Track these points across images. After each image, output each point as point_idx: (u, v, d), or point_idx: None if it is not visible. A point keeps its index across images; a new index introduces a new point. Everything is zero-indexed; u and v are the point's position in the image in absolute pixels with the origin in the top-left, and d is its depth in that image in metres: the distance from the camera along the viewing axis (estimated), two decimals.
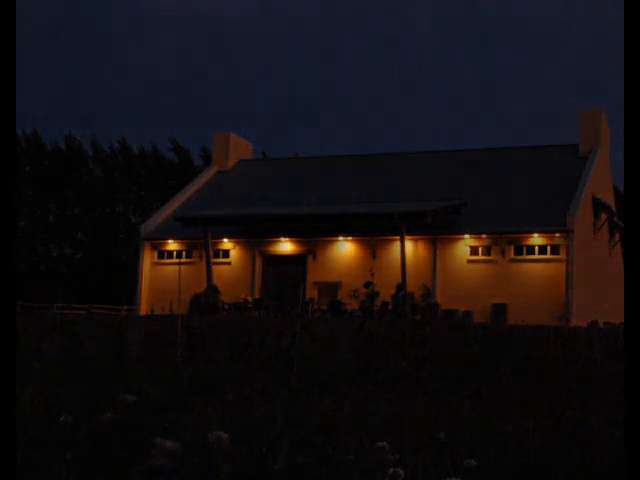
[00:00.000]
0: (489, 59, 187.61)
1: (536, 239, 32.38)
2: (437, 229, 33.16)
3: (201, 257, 36.51)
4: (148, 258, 38.39)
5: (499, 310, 31.08)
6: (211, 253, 35.48)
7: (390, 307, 31.37)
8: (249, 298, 34.60)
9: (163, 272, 37.86)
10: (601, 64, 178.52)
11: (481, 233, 33.05)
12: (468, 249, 33.29)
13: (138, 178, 66.83)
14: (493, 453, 5.76)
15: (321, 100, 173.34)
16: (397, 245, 33.12)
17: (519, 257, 32.61)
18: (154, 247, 38.41)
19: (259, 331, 12.80)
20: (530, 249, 32.49)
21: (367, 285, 32.78)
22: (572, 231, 31.77)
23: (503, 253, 32.82)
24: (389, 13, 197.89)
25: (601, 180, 37.53)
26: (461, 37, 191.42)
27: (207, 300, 33.29)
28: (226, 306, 33.43)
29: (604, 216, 36.83)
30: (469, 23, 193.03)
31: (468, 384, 9.56)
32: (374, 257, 34.20)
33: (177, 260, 37.69)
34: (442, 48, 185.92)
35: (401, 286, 32.01)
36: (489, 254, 33.06)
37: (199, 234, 35.86)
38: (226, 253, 36.88)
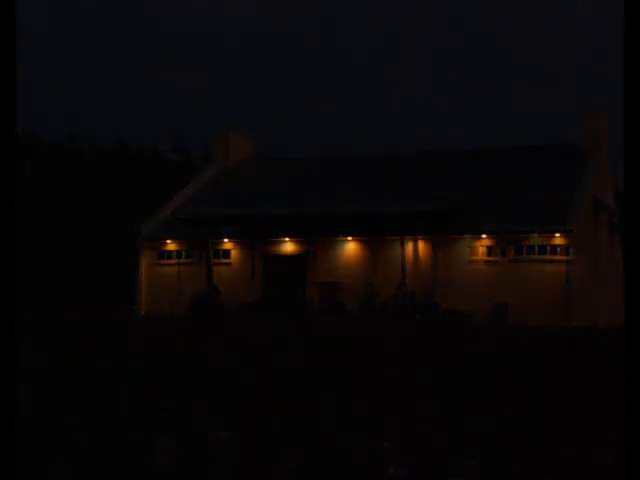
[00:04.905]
0: (489, 58, 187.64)
1: (536, 239, 32.35)
2: (437, 229, 33.16)
3: (201, 257, 36.50)
4: (148, 258, 38.38)
5: (499, 310, 31.06)
6: (211, 253, 35.48)
7: (390, 307, 31.36)
8: (249, 298, 34.59)
9: (163, 272, 37.85)
10: (602, 63, 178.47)
11: (481, 233, 33.04)
12: (468, 249, 33.27)
13: (138, 178, 66.81)
14: (493, 453, 5.76)
15: (321, 100, 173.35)
16: (397, 245, 33.12)
17: (519, 257, 32.60)
18: (154, 247, 38.38)
19: (259, 331, 12.80)
20: (530, 249, 32.47)
21: (368, 285, 32.80)
22: (572, 231, 31.77)
23: (503, 253, 32.81)
24: (390, 12, 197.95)
25: (601, 180, 37.52)
26: (461, 36, 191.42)
27: (207, 300, 33.29)
28: (226, 306, 33.40)
29: (604, 216, 36.83)
30: (469, 22, 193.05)
31: (468, 385, 9.56)
32: (374, 257, 34.19)
33: (177, 260, 37.68)
34: (442, 48, 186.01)
35: (401, 286, 32.01)
36: (489, 254, 33.05)
37: (199, 234, 35.84)
38: (226, 253, 36.86)
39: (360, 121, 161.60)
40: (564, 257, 31.88)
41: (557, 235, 32.10)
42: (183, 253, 37.79)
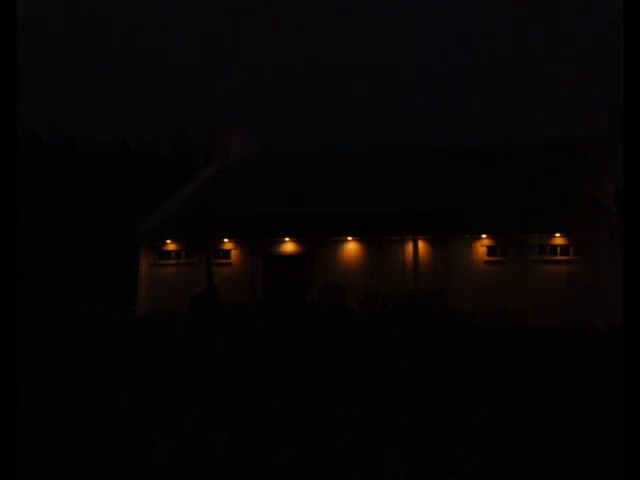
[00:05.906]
0: (489, 58, 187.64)
1: (536, 239, 32.35)
2: (438, 229, 33.15)
3: (201, 257, 36.47)
4: (147, 258, 38.35)
5: (499, 310, 31.04)
6: (211, 253, 35.45)
7: (390, 307, 31.35)
8: (249, 298, 34.57)
9: (163, 272, 37.83)
10: (602, 63, 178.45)
11: (481, 233, 33.04)
12: (469, 249, 33.26)
13: (138, 178, 66.78)
14: (492, 452, 5.76)
15: (321, 99, 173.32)
16: (397, 245, 33.11)
17: (519, 257, 32.58)
18: (153, 247, 38.36)
19: (259, 331, 12.80)
20: (530, 249, 32.46)
21: (368, 285, 32.78)
22: (572, 231, 31.77)
23: (503, 253, 32.81)
24: (389, 12, 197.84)
25: (601, 180, 37.50)
26: (462, 36, 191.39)
27: (207, 300, 33.27)
28: (226, 306, 33.38)
29: (604, 216, 36.80)
30: (470, 22, 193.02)
31: (468, 385, 9.57)
32: (375, 257, 34.18)
33: (177, 260, 37.67)
34: (443, 48, 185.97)
35: (401, 286, 32.00)
36: (489, 254, 33.04)
37: (199, 234, 35.81)
38: (226, 253, 36.83)
39: (359, 121, 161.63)
40: (564, 257, 31.89)
41: (557, 235, 32.10)
42: (183, 253, 37.78)
